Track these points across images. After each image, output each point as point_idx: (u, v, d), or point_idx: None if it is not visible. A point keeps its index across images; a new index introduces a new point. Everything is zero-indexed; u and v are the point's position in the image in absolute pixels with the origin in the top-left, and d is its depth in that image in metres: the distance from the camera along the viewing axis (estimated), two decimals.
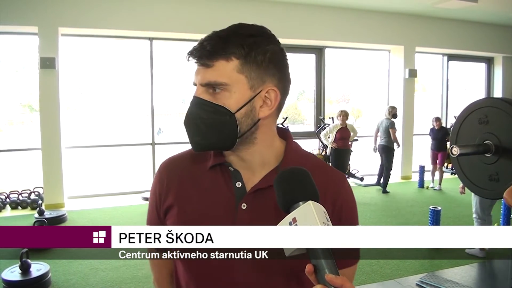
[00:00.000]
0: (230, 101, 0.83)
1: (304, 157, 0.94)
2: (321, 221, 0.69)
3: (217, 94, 0.82)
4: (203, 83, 0.82)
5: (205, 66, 0.82)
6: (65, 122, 6.23)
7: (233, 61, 0.82)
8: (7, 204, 5.88)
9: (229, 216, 0.85)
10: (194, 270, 0.88)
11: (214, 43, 0.81)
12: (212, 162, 0.90)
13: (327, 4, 7.02)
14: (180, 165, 0.94)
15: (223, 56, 0.81)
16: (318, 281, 0.67)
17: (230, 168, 0.89)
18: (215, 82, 0.82)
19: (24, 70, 7.12)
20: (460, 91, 9.45)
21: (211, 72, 0.82)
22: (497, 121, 1.84)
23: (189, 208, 0.88)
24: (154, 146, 6.83)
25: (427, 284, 3.40)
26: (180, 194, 0.90)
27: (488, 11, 7.32)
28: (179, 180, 0.92)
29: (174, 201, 0.90)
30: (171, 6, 6.24)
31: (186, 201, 0.89)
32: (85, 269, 3.62)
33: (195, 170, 0.92)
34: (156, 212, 0.94)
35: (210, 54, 0.81)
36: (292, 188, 0.73)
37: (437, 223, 4.19)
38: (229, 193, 0.87)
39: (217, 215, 0.85)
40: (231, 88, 0.82)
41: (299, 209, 0.70)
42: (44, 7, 5.65)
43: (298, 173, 0.76)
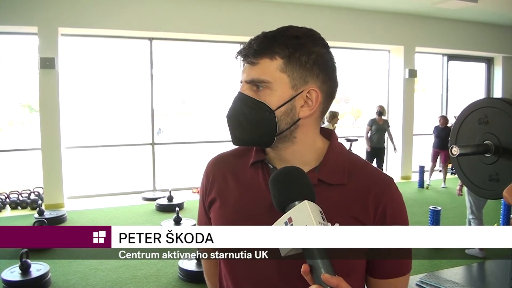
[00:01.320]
0: (271, 98, 0.84)
1: (346, 158, 0.91)
2: (317, 221, 0.68)
3: (260, 91, 0.85)
4: (248, 80, 0.85)
5: (250, 64, 0.85)
6: (65, 122, 6.23)
7: (277, 60, 0.84)
8: (7, 204, 5.88)
9: (264, 212, 0.85)
10: (229, 265, 0.91)
11: (260, 42, 0.84)
12: (253, 159, 0.92)
13: (327, 4, 7.02)
14: (225, 161, 0.98)
15: (267, 55, 0.84)
16: (314, 281, 0.68)
17: (270, 165, 0.91)
18: (258, 79, 0.84)
19: (24, 70, 7.12)
20: (460, 91, 9.45)
21: (256, 70, 0.84)
22: (497, 121, 1.83)
23: (230, 202, 0.91)
24: (154, 146, 6.83)
25: (427, 284, 3.40)
26: (222, 188, 0.93)
27: (488, 11, 7.32)
28: (223, 175, 0.95)
29: (216, 194, 0.94)
30: (171, 6, 6.24)
31: (227, 195, 0.92)
32: (85, 269, 3.62)
33: (237, 166, 0.95)
34: (203, 204, 0.99)
35: (256, 53, 0.84)
36: (287, 187, 0.73)
37: (437, 223, 4.18)
38: (266, 190, 0.86)
39: (253, 210, 0.87)
40: (273, 86, 0.84)
41: (294, 208, 0.70)
42: (44, 7, 5.65)
43: (293, 173, 0.76)
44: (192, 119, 8.97)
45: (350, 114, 10.53)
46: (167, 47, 7.12)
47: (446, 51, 8.58)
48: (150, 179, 6.85)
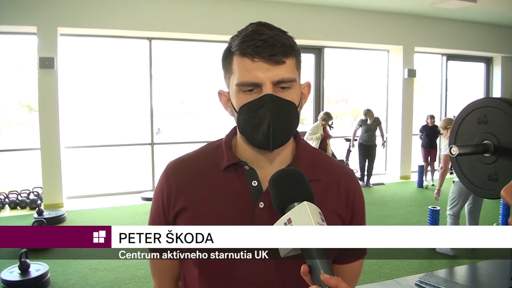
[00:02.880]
0: (294, 96, 0.84)
1: (314, 153, 0.95)
2: (316, 222, 0.69)
3: (285, 91, 0.83)
4: (275, 80, 0.81)
5: (276, 63, 0.81)
6: (64, 122, 6.22)
7: (293, 57, 0.84)
8: (6, 204, 5.87)
9: (246, 215, 0.85)
10: (212, 273, 0.86)
11: (280, 40, 0.81)
12: (226, 162, 0.89)
13: (326, 4, 7.02)
14: (189, 166, 0.92)
15: (291, 53, 0.83)
16: (313, 282, 0.67)
17: (246, 167, 0.88)
18: (288, 78, 0.82)
19: (23, 70, 7.12)
20: (459, 91, 9.46)
21: (284, 69, 0.82)
22: (496, 121, 1.84)
23: (204, 210, 0.86)
24: (153, 146, 6.82)
25: (426, 284, 3.41)
26: (192, 196, 0.88)
27: (487, 11, 7.32)
28: (190, 182, 0.89)
29: (186, 204, 0.88)
30: (170, 6, 6.24)
31: (200, 203, 0.87)
32: (84, 269, 3.62)
33: (207, 171, 0.90)
34: (163, 216, 0.91)
35: (286, 52, 0.82)
36: (286, 189, 0.73)
37: (436, 223, 4.20)
38: (245, 192, 0.86)
39: (234, 215, 0.84)
40: (296, 84, 0.85)
41: (294, 209, 0.70)
42: (43, 7, 5.64)
43: (292, 174, 0.76)
44: (191, 119, 8.98)
45: (349, 114, 10.53)
46: (166, 47, 7.12)
47: (445, 51, 8.59)
48: (149, 179, 6.85)
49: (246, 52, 0.81)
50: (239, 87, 0.83)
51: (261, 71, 0.80)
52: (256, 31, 0.82)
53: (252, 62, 0.81)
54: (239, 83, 0.82)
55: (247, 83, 0.81)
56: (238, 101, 0.84)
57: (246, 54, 0.81)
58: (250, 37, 0.81)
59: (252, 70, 0.81)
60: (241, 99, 0.83)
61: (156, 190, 0.95)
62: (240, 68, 0.82)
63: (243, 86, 0.82)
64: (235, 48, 0.83)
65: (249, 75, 0.81)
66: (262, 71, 0.80)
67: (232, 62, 0.84)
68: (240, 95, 0.83)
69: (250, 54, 0.80)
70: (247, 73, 0.81)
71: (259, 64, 0.80)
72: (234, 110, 0.86)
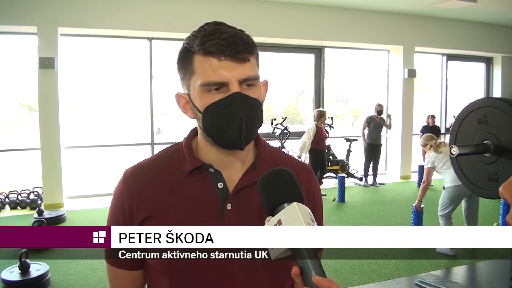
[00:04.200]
0: (259, 94, 0.84)
1: (273, 151, 0.96)
2: (306, 222, 0.68)
3: (250, 88, 0.82)
4: (241, 78, 0.80)
5: (241, 61, 0.79)
6: (64, 122, 6.23)
7: (255, 55, 0.84)
8: (6, 204, 5.88)
9: (215, 218, 0.84)
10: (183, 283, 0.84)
11: (242, 38, 0.80)
12: (190, 167, 0.87)
13: (326, 4, 7.02)
14: (149, 173, 0.88)
15: (254, 51, 0.83)
16: (304, 283, 0.66)
17: (211, 169, 0.87)
18: (254, 76, 0.82)
19: (23, 70, 7.12)
20: (459, 91, 9.46)
21: (249, 67, 0.81)
22: (496, 121, 1.83)
23: (171, 216, 0.83)
24: (153, 146, 6.82)
25: (426, 284, 3.41)
26: (157, 203, 0.85)
27: (487, 11, 7.32)
28: (152, 189, 0.86)
29: (150, 212, 0.84)
30: (170, 6, 6.24)
31: (166, 210, 0.84)
32: (84, 269, 3.62)
33: (169, 176, 0.87)
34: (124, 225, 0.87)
35: (249, 49, 0.81)
36: (276, 190, 0.72)
37: (420, 222, 4.32)
38: (212, 195, 0.86)
39: (203, 218, 0.83)
40: (258, 82, 0.84)
41: (283, 211, 0.69)
42: (43, 7, 5.65)
43: (281, 174, 0.74)
44: (191, 119, 8.96)
45: (349, 114, 10.52)
46: (167, 47, 7.12)
47: (445, 51, 8.59)
48: None
49: (210, 51, 0.78)
50: (204, 87, 0.80)
51: (226, 70, 0.79)
52: (217, 30, 0.80)
53: (218, 61, 0.78)
54: (204, 83, 0.80)
55: (213, 82, 0.79)
56: (203, 102, 0.81)
57: (210, 53, 0.78)
58: (212, 36, 0.79)
59: (218, 69, 0.78)
60: (206, 99, 0.81)
61: (115, 199, 0.91)
62: (205, 68, 0.79)
63: (209, 86, 0.80)
64: (197, 48, 0.79)
65: (215, 74, 0.79)
66: (228, 70, 0.79)
67: (193, 62, 0.81)
68: (205, 95, 0.81)
69: (215, 53, 0.78)
70: (213, 72, 0.79)
71: (225, 62, 0.79)
72: (197, 111, 0.84)
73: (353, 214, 5.57)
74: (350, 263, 3.70)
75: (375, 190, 7.01)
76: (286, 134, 6.99)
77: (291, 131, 7.04)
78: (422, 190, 4.21)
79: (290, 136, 7.04)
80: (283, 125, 6.98)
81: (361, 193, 6.78)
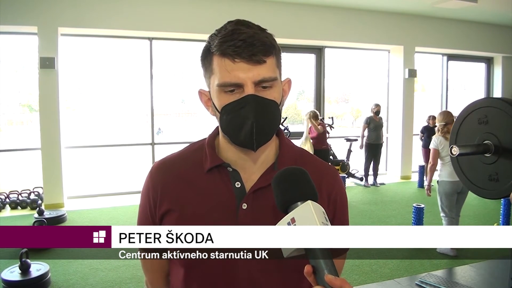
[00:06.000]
0: (276, 95, 0.84)
1: (297, 152, 0.95)
2: (320, 221, 0.68)
3: (266, 90, 0.82)
4: (257, 80, 0.80)
5: (256, 63, 0.80)
6: (65, 122, 6.23)
7: (273, 56, 0.84)
8: (6, 204, 5.88)
9: (230, 216, 0.85)
10: (197, 274, 0.86)
11: (260, 39, 0.80)
12: (210, 164, 0.89)
13: (327, 4, 7.02)
14: (174, 167, 0.92)
15: (272, 52, 0.83)
16: (317, 282, 0.67)
17: (229, 168, 0.88)
18: (270, 77, 0.82)
19: (23, 70, 7.12)
20: (459, 91, 9.45)
21: (265, 68, 0.81)
22: (496, 121, 1.84)
23: (189, 212, 0.86)
24: (154, 146, 6.82)
25: (426, 284, 3.40)
26: (177, 198, 0.88)
27: (488, 11, 7.32)
28: (174, 183, 0.90)
29: (171, 205, 0.88)
30: (170, 6, 6.24)
31: (185, 205, 0.87)
32: (84, 269, 3.62)
33: (191, 172, 0.90)
34: (150, 217, 0.92)
35: (266, 50, 0.81)
36: (290, 188, 0.72)
37: (421, 222, 4.25)
38: (228, 194, 0.87)
39: (218, 216, 0.84)
40: (277, 83, 0.84)
41: (297, 209, 0.69)
42: (43, 7, 5.65)
43: (296, 173, 0.74)
44: (191, 119, 8.98)
45: (349, 114, 10.52)
46: (167, 47, 7.12)
47: (445, 51, 8.59)
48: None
49: (226, 53, 0.80)
50: (220, 87, 0.82)
51: (242, 71, 0.80)
52: (236, 30, 0.80)
53: (233, 63, 0.80)
54: (221, 84, 0.82)
55: (229, 83, 0.81)
56: (220, 102, 0.83)
57: (226, 54, 0.80)
58: (230, 37, 0.80)
59: (233, 70, 0.80)
60: (223, 99, 0.83)
61: (143, 192, 0.96)
62: (221, 69, 0.81)
63: (225, 87, 0.81)
64: (215, 49, 0.81)
65: (230, 76, 0.80)
66: (243, 72, 0.80)
67: (212, 62, 0.83)
68: (222, 95, 0.82)
69: (230, 55, 0.80)
70: (228, 73, 0.80)
71: (240, 64, 0.80)
72: (216, 110, 0.86)
73: (354, 214, 5.57)
74: (351, 263, 3.70)
75: (375, 190, 7.01)
76: (287, 134, 6.99)
77: (291, 131, 7.05)
78: (430, 173, 4.14)
79: (291, 136, 7.04)
80: (283, 125, 6.99)
81: (362, 193, 6.78)
